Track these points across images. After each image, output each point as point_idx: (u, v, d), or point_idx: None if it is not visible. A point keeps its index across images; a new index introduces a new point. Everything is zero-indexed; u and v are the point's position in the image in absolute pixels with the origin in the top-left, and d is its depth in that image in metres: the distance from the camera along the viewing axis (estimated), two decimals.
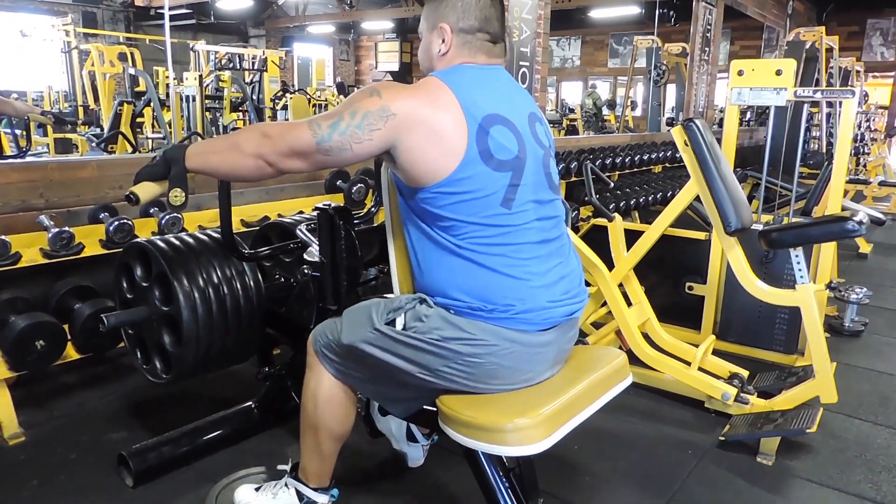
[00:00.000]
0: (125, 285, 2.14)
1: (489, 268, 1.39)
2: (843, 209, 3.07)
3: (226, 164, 1.46)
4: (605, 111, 13.14)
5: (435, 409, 1.45)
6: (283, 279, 2.27)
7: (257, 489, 1.80)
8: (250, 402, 2.36)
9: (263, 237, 2.42)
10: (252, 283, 2.10)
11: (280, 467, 1.82)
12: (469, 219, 1.39)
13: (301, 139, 1.37)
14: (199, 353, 1.99)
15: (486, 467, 1.45)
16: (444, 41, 1.49)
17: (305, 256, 1.90)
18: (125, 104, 6.74)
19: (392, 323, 1.45)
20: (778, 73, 2.83)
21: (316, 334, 1.60)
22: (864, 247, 5.54)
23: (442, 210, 1.39)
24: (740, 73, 2.92)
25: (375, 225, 1.94)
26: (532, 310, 1.41)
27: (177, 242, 2.04)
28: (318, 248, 1.81)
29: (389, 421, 2.01)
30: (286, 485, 1.73)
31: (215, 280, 2.00)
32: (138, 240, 2.11)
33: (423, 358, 1.41)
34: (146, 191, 1.50)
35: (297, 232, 1.98)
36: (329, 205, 1.74)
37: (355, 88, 15.22)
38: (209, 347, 2.00)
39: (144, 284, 2.05)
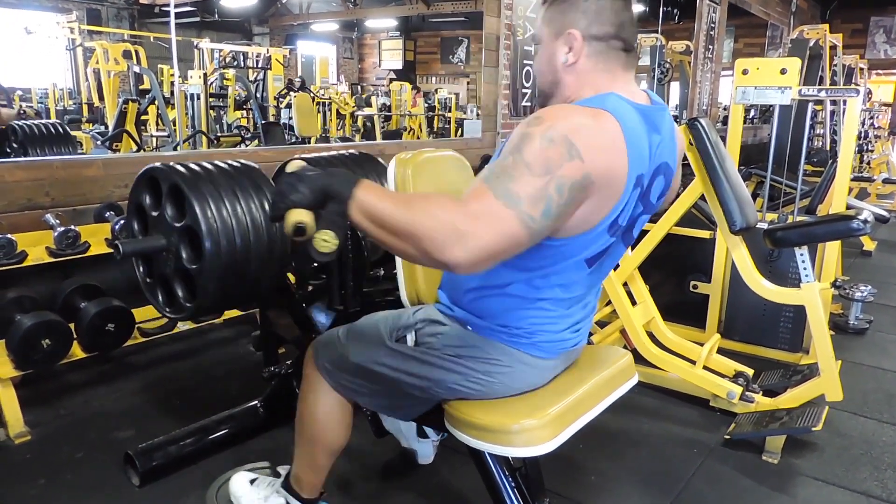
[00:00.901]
0: (138, 228, 1.97)
1: (533, 303, 1.33)
2: (848, 207, 3.06)
3: (392, 248, 1.10)
4: None
5: (439, 409, 1.45)
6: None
7: (252, 482, 1.78)
8: (256, 401, 2.37)
9: None
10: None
11: (280, 469, 1.82)
12: (551, 268, 1.29)
13: (511, 239, 1.06)
14: (222, 275, 1.80)
15: (493, 467, 1.45)
16: (571, 50, 1.27)
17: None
18: (130, 102, 6.75)
19: (403, 339, 1.44)
20: (782, 71, 2.82)
21: (317, 348, 1.57)
22: (869, 244, 5.53)
23: (536, 255, 1.24)
24: (745, 72, 2.91)
25: None
26: (551, 340, 1.39)
27: (195, 167, 1.89)
28: None
29: (398, 420, 2.00)
30: (277, 491, 1.70)
31: (238, 207, 1.83)
32: (152, 165, 1.90)
33: (435, 373, 1.39)
34: (312, 220, 1.13)
35: None
36: None
37: (359, 87, 15.25)
38: (232, 271, 1.82)
39: (156, 213, 1.88)
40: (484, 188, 1.07)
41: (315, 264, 1.89)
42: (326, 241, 1.10)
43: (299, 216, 1.11)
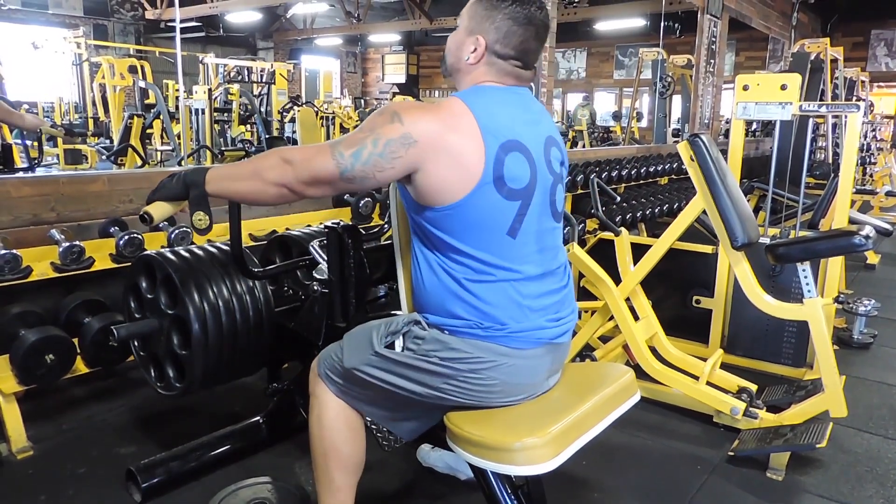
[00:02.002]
0: (134, 305, 2.18)
1: (485, 293, 1.40)
2: (851, 221, 3.06)
3: (247, 191, 1.43)
4: (611, 122, 13.16)
5: (443, 428, 1.45)
6: (292, 291, 2.28)
7: None
8: (258, 417, 2.36)
9: (271, 250, 2.44)
10: (261, 296, 2.12)
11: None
12: (472, 244, 1.39)
13: (324, 168, 1.34)
14: (207, 365, 2.00)
15: (495, 485, 1.45)
16: (475, 51, 1.45)
17: (315, 273, 1.91)
18: (135, 117, 6.79)
19: (391, 346, 1.46)
20: (783, 87, 2.84)
21: (320, 359, 1.60)
22: (872, 258, 5.52)
23: (446, 232, 1.39)
24: (745, 87, 2.93)
25: (384, 242, 1.95)
26: (525, 329, 1.42)
27: (186, 255, 2.06)
28: (326, 266, 1.82)
29: (441, 454, 2.11)
30: None
31: (225, 293, 2.02)
32: (148, 252, 2.13)
33: (425, 378, 1.43)
34: (160, 211, 1.48)
35: (311, 248, 1.99)
36: (338, 223, 1.76)
37: (362, 101, 15.33)
38: (218, 360, 2.01)
39: (150, 297, 2.07)
40: (321, 143, 1.42)
41: (315, 284, 1.99)
42: (200, 219, 1.45)
43: (149, 207, 1.47)
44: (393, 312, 1.81)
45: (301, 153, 1.39)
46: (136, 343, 2.20)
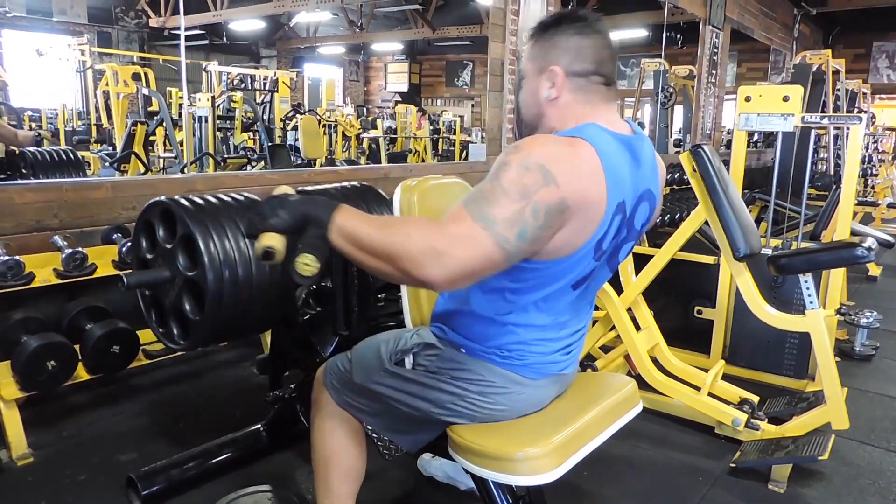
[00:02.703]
0: (145, 245, 2.03)
1: (520, 332, 1.37)
2: (853, 233, 3.06)
3: (372, 269, 1.15)
4: None
5: (445, 437, 1.45)
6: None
7: None
8: (259, 425, 2.36)
9: None
10: None
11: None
12: (537, 293, 1.32)
13: (486, 259, 1.11)
14: (221, 315, 1.88)
15: (497, 495, 1.44)
16: (553, 85, 1.34)
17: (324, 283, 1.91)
18: (138, 124, 6.81)
19: (401, 363, 1.46)
20: (785, 99, 2.84)
21: (326, 368, 1.60)
22: (874, 270, 5.52)
23: (521, 278, 1.30)
24: (747, 99, 2.93)
25: None
26: (542, 362, 1.41)
27: (201, 202, 1.95)
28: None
29: (441, 463, 2.09)
30: None
31: (241, 243, 1.89)
32: (161, 198, 1.97)
33: (433, 395, 1.42)
34: (282, 245, 1.18)
35: None
36: None
37: (365, 110, 15.37)
38: (233, 309, 1.89)
39: (168, 246, 1.93)
40: (462, 211, 1.13)
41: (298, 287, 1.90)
42: (308, 264, 1.13)
43: (270, 240, 1.16)
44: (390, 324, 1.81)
45: (454, 244, 1.09)
46: (144, 292, 2.08)
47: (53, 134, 6.43)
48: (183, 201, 1.89)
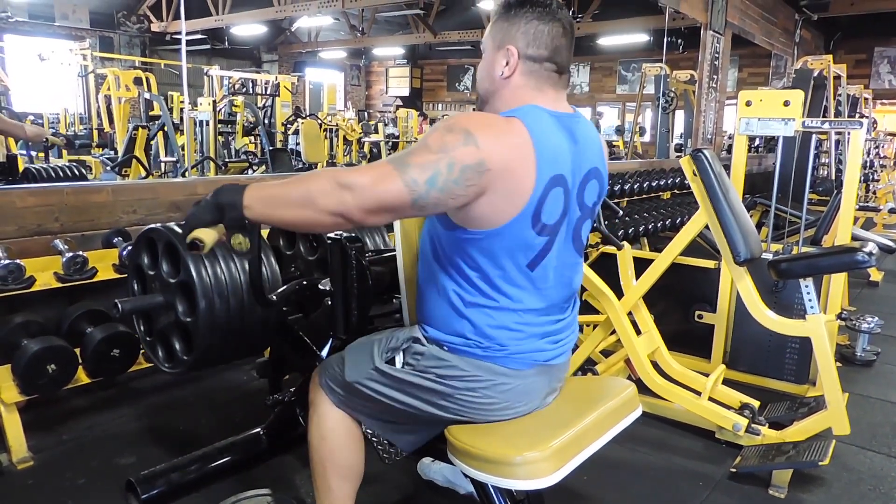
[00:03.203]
0: (137, 288, 2.09)
1: (492, 318, 1.39)
2: (854, 238, 3.06)
3: (297, 220, 1.27)
4: (614, 136, 13.21)
5: (443, 441, 1.45)
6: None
7: None
8: (259, 429, 2.35)
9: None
10: (269, 273, 2.06)
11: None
12: (491, 272, 1.36)
13: (394, 194, 1.20)
14: (213, 339, 1.92)
15: (496, 499, 1.44)
16: (508, 64, 1.39)
17: (321, 286, 1.91)
18: (139, 128, 6.82)
19: (392, 361, 1.46)
20: (786, 103, 2.84)
21: (321, 369, 1.61)
22: (875, 275, 5.51)
23: (469, 255, 1.36)
24: (748, 103, 2.93)
25: (387, 255, 1.95)
26: (524, 352, 1.42)
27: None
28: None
29: (441, 467, 2.10)
30: None
31: (233, 269, 1.94)
32: (159, 225, 2.01)
33: (423, 394, 1.43)
34: (209, 236, 1.34)
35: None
36: (341, 235, 1.76)
37: (366, 114, 15.40)
38: (223, 334, 1.93)
39: (161, 275, 1.97)
40: (382, 161, 1.26)
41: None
42: (240, 243, 1.32)
43: (196, 234, 1.33)
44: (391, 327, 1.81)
45: (362, 177, 1.21)
46: (141, 326, 2.12)
47: (68, 141, 6.37)
48: (176, 228, 1.93)
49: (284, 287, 2.12)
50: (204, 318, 1.88)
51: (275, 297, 1.96)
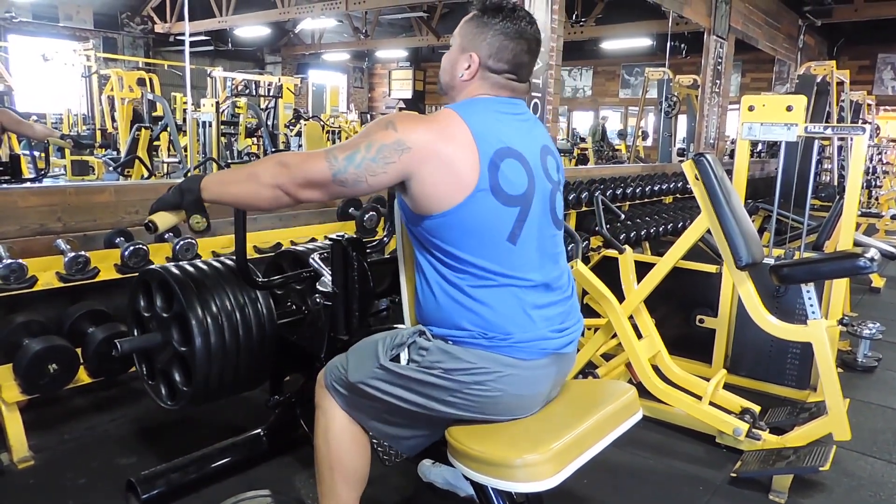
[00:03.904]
0: (140, 309, 2.15)
1: (488, 304, 1.40)
2: (856, 244, 3.06)
3: (243, 193, 1.46)
4: (617, 140, 13.22)
5: (444, 443, 1.45)
6: (294, 307, 2.28)
7: None
8: (259, 430, 2.36)
9: (276, 265, 2.44)
10: (264, 310, 2.11)
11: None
12: (472, 251, 1.40)
13: (317, 170, 1.38)
14: (210, 381, 1.99)
15: (496, 502, 1.44)
16: (469, 68, 1.49)
17: (318, 286, 1.91)
18: (143, 129, 6.83)
19: (397, 359, 1.46)
20: (788, 108, 2.85)
21: (326, 370, 1.60)
22: (877, 281, 5.51)
23: (445, 241, 1.40)
24: (751, 108, 2.94)
25: (388, 255, 1.96)
26: (530, 339, 1.42)
27: (191, 270, 2.06)
28: (330, 278, 1.82)
29: (441, 470, 2.09)
30: None
31: (228, 308, 2.01)
32: (154, 266, 2.13)
33: (429, 390, 1.43)
34: (164, 220, 1.53)
35: (311, 261, 1.99)
36: (342, 236, 1.76)
37: (369, 116, 15.43)
38: (221, 375, 2.01)
39: (158, 312, 2.06)
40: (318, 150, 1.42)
41: (318, 297, 1.96)
42: (198, 221, 1.52)
43: (151, 217, 1.53)
44: (394, 326, 1.82)
45: (297, 157, 1.43)
46: (143, 367, 2.18)
47: (76, 143, 6.39)
48: (174, 270, 2.03)
49: (277, 276, 2.16)
50: (201, 347, 1.95)
51: (260, 281, 2.00)
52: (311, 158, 1.40)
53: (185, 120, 7.52)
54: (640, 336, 2.78)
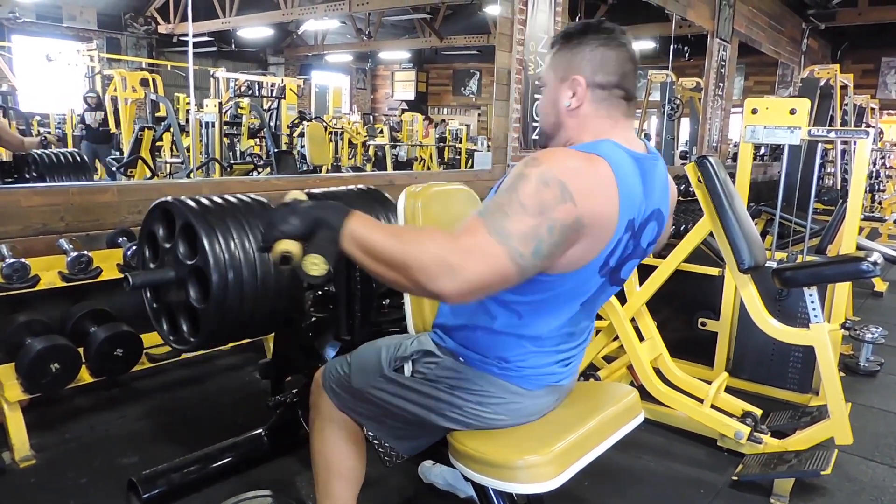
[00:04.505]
0: (149, 254, 2.03)
1: (524, 339, 1.37)
2: (858, 248, 3.05)
3: (384, 278, 1.13)
4: None
5: (445, 444, 1.45)
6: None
7: None
8: (260, 430, 2.36)
9: None
10: None
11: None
12: (544, 305, 1.32)
13: (501, 274, 1.09)
14: (225, 317, 1.88)
15: (497, 503, 1.44)
16: (575, 95, 1.32)
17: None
18: (146, 129, 6.85)
19: (400, 370, 1.46)
20: (792, 112, 2.84)
21: (325, 372, 1.60)
22: (880, 285, 5.50)
23: (527, 289, 1.28)
24: (754, 111, 2.93)
25: None
26: (539, 374, 1.41)
27: (206, 201, 1.94)
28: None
29: (441, 470, 2.09)
30: None
31: (246, 242, 1.89)
32: (164, 199, 1.97)
33: (430, 402, 1.42)
34: (298, 250, 1.17)
35: None
36: None
37: (372, 117, 15.43)
38: (237, 312, 1.89)
39: (167, 246, 1.94)
40: (478, 223, 1.12)
41: (310, 289, 1.91)
42: (316, 264, 1.14)
43: (286, 246, 1.16)
44: (397, 330, 1.81)
45: (466, 255, 1.08)
46: (148, 293, 2.07)
47: (59, 139, 6.44)
48: (188, 201, 1.89)
49: None
50: (215, 308, 1.84)
51: None
52: (485, 255, 1.08)
53: (188, 120, 7.53)
54: (641, 338, 2.78)
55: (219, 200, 1.96)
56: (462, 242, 1.09)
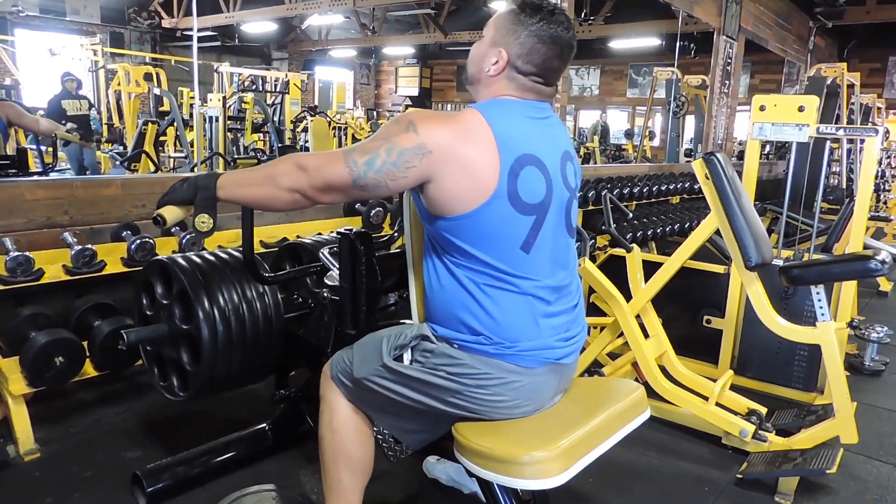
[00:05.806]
0: (146, 302, 2.17)
1: (500, 306, 1.39)
2: (865, 247, 3.04)
3: (260, 196, 1.43)
4: (624, 140, 13.20)
5: (450, 438, 1.44)
6: (301, 300, 2.28)
7: None
8: (264, 424, 2.36)
9: (282, 257, 2.44)
10: (271, 304, 2.12)
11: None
12: (486, 255, 1.38)
13: (337, 175, 1.35)
14: (216, 372, 2.00)
15: (501, 498, 1.44)
16: (496, 63, 1.43)
17: (326, 280, 1.91)
18: (149, 123, 6.85)
19: (400, 358, 1.47)
20: (800, 109, 2.83)
21: (332, 362, 1.61)
22: (885, 285, 5.47)
23: (460, 241, 1.38)
24: (762, 108, 2.92)
25: (396, 251, 1.95)
26: (536, 348, 1.41)
27: (198, 261, 2.06)
28: (338, 272, 1.82)
29: (445, 466, 2.09)
30: None
31: (235, 300, 2.02)
32: (160, 257, 2.14)
33: (432, 391, 1.43)
34: (172, 214, 1.50)
35: (320, 255, 1.99)
36: (351, 230, 1.76)
37: (375, 113, 15.42)
38: (227, 366, 2.01)
39: (165, 302, 2.07)
40: (337, 150, 1.41)
41: (325, 291, 1.95)
42: (204, 221, 1.47)
43: (161, 211, 1.48)
44: (402, 322, 1.81)
45: (315, 160, 1.39)
46: (146, 347, 2.20)
47: (83, 137, 6.32)
48: (180, 260, 2.04)
49: (283, 272, 2.17)
50: (206, 370, 1.98)
51: (268, 276, 2.02)
52: (330, 162, 1.37)
53: (191, 115, 7.53)
54: (646, 335, 2.77)
55: (212, 259, 2.11)
56: (318, 154, 1.43)
